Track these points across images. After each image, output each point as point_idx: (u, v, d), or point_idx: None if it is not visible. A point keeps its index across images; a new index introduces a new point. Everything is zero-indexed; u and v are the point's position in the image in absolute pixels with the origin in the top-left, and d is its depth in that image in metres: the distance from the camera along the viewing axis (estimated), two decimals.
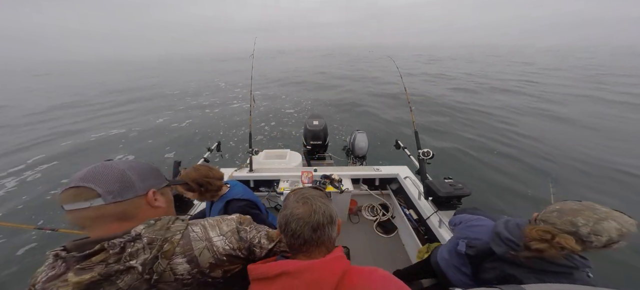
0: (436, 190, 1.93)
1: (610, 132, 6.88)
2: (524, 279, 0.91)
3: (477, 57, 38.72)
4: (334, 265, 0.62)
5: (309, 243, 0.65)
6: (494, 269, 1.03)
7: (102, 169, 0.61)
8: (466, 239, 1.18)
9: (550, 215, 0.90)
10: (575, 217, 0.83)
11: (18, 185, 5.04)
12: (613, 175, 4.77)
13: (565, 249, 0.82)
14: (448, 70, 21.93)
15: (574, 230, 0.82)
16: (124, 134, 7.81)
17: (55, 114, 10.80)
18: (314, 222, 0.65)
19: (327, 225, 0.66)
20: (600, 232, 0.78)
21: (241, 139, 7.04)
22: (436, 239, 1.96)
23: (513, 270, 0.95)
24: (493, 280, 1.02)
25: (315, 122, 3.71)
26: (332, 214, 0.68)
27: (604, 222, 0.79)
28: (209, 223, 0.74)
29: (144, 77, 25.16)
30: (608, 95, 11.43)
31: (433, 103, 10.31)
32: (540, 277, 0.89)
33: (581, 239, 0.81)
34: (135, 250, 0.57)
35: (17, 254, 3.31)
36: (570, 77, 17.56)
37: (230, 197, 1.44)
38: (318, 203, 0.68)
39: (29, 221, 3.87)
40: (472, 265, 1.13)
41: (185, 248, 0.65)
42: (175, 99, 13.01)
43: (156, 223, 0.63)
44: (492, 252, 1.04)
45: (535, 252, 0.88)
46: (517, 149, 5.95)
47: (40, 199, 4.53)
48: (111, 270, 0.54)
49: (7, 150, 6.85)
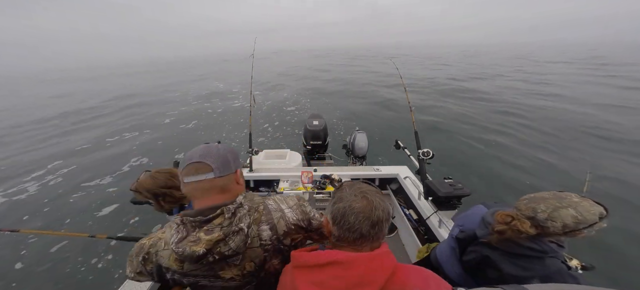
0: (436, 190, 1.93)
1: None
2: (497, 261, 0.97)
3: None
4: (384, 260, 0.63)
5: (364, 237, 0.65)
6: (474, 252, 1.09)
7: (212, 149, 0.74)
8: (461, 225, 1.23)
9: (521, 202, 0.97)
10: (539, 204, 0.90)
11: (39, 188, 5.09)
12: None
13: (521, 232, 0.89)
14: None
15: (532, 216, 0.90)
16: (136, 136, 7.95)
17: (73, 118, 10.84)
18: (374, 217, 0.64)
19: (384, 221, 0.66)
20: (555, 219, 0.85)
21: (242, 139, 7.05)
22: (436, 239, 1.96)
23: (489, 252, 1.01)
24: (471, 262, 1.09)
25: (315, 122, 3.71)
26: (389, 211, 0.69)
27: (562, 210, 0.85)
28: (278, 198, 0.88)
29: (148, 79, 25.13)
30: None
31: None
32: (512, 260, 0.95)
33: (538, 223, 0.88)
34: (241, 215, 0.71)
35: None
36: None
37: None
38: (377, 199, 0.67)
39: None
40: (460, 249, 1.19)
41: (268, 217, 0.80)
42: (176, 101, 13.04)
43: (246, 195, 0.77)
44: (476, 236, 1.10)
45: (497, 234, 0.95)
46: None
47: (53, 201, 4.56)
48: (229, 231, 0.68)
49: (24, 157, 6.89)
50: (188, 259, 0.67)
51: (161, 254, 0.74)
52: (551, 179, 4.71)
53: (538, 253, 0.91)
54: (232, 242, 0.68)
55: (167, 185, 1.22)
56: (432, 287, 0.60)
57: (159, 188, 1.20)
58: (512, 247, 0.95)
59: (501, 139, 6.61)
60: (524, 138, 6.60)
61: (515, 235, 0.91)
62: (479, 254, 1.05)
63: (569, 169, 4.98)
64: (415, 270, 0.65)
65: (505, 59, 33.95)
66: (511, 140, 6.50)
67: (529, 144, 6.19)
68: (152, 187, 1.19)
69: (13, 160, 6.44)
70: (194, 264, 0.70)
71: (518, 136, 6.71)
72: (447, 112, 9.11)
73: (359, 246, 0.66)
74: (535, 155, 5.60)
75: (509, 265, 0.95)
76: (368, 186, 0.72)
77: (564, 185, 4.22)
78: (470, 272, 1.13)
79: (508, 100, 10.58)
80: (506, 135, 6.82)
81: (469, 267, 1.12)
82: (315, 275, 0.62)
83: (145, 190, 1.18)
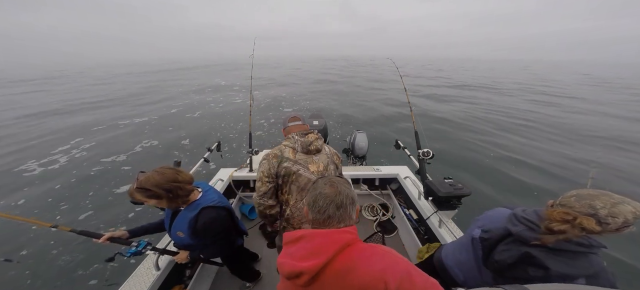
0: (436, 190, 1.93)
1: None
2: (542, 258, 0.93)
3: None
4: (338, 236, 0.74)
5: (331, 218, 0.78)
6: (508, 250, 1.03)
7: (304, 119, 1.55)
8: (482, 226, 1.19)
9: (570, 200, 0.93)
10: (593, 201, 0.88)
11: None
12: None
13: (585, 229, 0.86)
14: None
15: (593, 212, 0.86)
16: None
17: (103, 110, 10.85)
18: (338, 201, 0.79)
19: (348, 205, 0.80)
20: (616, 214, 0.83)
21: (242, 139, 7.05)
22: (436, 239, 1.96)
23: (528, 249, 0.97)
24: (506, 260, 1.03)
25: (315, 122, 3.71)
26: (353, 197, 0.83)
27: (620, 205, 0.83)
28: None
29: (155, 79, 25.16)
30: None
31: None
32: (557, 257, 0.91)
33: (599, 220, 0.85)
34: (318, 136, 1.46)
35: None
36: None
37: (204, 204, 1.31)
38: (342, 187, 0.82)
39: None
40: (485, 250, 1.13)
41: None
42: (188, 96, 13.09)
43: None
44: (507, 235, 1.05)
45: (558, 234, 0.90)
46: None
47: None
48: (317, 137, 1.43)
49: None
50: (303, 146, 1.36)
51: (283, 151, 1.37)
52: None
53: (586, 248, 0.89)
54: (319, 142, 1.41)
55: (176, 179, 1.21)
56: (387, 265, 0.68)
57: (169, 182, 1.18)
58: (562, 243, 0.91)
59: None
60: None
61: (578, 233, 0.87)
62: (517, 251, 1.00)
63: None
64: (369, 248, 0.74)
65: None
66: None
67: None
68: (162, 182, 1.16)
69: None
70: (304, 152, 1.37)
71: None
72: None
73: (328, 226, 0.79)
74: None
75: (555, 262, 0.91)
76: (338, 178, 0.88)
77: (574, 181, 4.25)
78: (503, 273, 1.06)
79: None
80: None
81: (501, 268, 1.05)
82: (289, 248, 0.78)
83: (154, 186, 1.14)
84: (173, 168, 1.25)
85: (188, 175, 1.28)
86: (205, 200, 1.33)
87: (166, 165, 1.28)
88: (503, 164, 5.35)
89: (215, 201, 1.35)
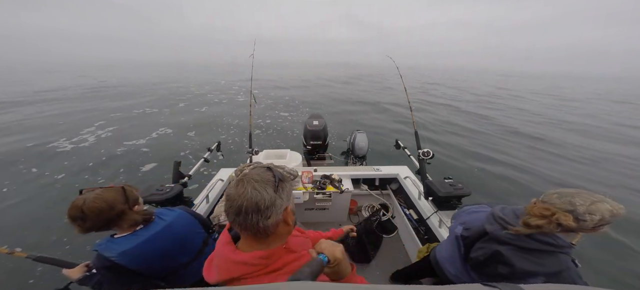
0: (436, 190, 1.93)
1: None
2: (509, 256, 0.97)
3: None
4: (229, 266, 0.65)
5: (235, 225, 0.63)
6: (482, 248, 1.09)
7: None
8: (464, 223, 1.23)
9: (552, 197, 0.97)
10: (574, 198, 0.91)
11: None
12: None
13: (562, 225, 0.89)
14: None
15: (572, 209, 0.89)
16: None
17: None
18: (236, 206, 0.61)
19: (251, 213, 0.60)
20: (594, 212, 0.86)
21: (242, 139, 7.05)
22: (436, 239, 1.96)
23: (499, 247, 1.01)
24: (479, 257, 1.08)
25: (315, 122, 3.71)
26: (258, 203, 0.60)
27: (598, 203, 0.86)
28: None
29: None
30: None
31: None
32: (524, 255, 0.95)
33: (577, 217, 0.88)
34: None
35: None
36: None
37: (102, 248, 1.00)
38: (249, 187, 0.61)
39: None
40: (466, 247, 1.18)
41: None
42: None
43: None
44: (484, 233, 1.10)
45: (534, 228, 0.94)
46: None
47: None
48: None
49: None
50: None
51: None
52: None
53: (554, 248, 0.91)
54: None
55: (125, 200, 1.03)
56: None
57: (119, 204, 0.99)
58: (528, 242, 0.94)
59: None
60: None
61: (554, 229, 0.90)
62: (489, 250, 1.05)
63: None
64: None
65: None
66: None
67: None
68: (109, 205, 0.97)
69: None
70: None
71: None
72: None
73: (243, 236, 0.68)
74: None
75: (521, 260, 0.94)
76: (257, 173, 0.66)
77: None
78: (478, 269, 1.12)
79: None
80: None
81: (476, 264, 1.11)
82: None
83: (103, 209, 0.95)
84: (114, 188, 1.04)
85: (119, 207, 1.01)
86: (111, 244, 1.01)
87: (118, 185, 1.08)
88: None
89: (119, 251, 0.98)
